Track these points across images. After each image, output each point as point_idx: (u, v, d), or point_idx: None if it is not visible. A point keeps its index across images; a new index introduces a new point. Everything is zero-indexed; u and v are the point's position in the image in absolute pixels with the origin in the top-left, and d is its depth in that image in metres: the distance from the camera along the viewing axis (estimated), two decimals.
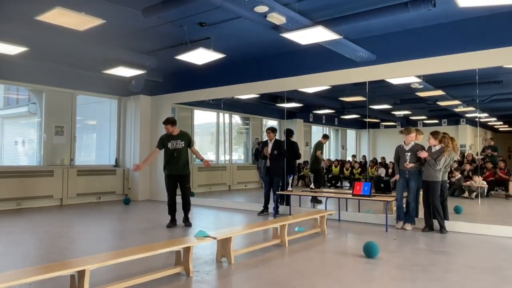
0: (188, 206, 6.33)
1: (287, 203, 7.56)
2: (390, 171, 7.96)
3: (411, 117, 8.90)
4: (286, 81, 7.85)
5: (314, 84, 7.62)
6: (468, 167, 7.82)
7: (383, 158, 8.65)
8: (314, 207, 7.83)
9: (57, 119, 9.03)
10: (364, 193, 6.31)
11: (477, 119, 6.30)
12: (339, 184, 9.39)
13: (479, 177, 7.32)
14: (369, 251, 4.33)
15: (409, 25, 6.30)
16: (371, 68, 6.79)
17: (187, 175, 6.28)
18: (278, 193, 7.36)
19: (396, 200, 6.13)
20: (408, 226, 6.00)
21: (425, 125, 8.14)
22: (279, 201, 7.41)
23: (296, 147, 7.95)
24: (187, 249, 3.66)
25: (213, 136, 11.15)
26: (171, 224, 6.21)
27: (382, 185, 6.77)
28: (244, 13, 5.09)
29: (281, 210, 7.49)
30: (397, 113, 9.02)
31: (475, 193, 7.40)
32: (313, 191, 7.41)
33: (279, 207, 7.41)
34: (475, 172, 7.48)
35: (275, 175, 7.38)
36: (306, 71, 7.55)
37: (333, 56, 6.78)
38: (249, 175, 10.83)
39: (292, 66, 7.75)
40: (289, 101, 8.30)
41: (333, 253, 4.64)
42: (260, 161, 7.81)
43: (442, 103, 8.13)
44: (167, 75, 9.79)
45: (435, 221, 5.82)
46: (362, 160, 9.19)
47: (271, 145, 7.43)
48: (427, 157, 5.78)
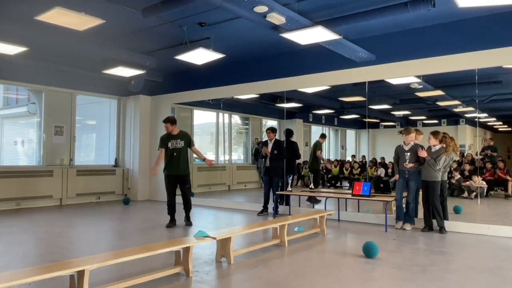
0: (189, 206, 6.35)
1: (287, 203, 7.56)
2: (389, 171, 7.97)
3: (410, 117, 8.91)
4: (285, 81, 7.85)
5: (313, 84, 7.62)
6: (467, 167, 7.83)
7: (383, 158, 8.66)
8: (313, 207, 7.83)
9: (57, 119, 9.03)
10: (363, 193, 6.31)
11: (476, 119, 6.30)
12: (338, 184, 9.39)
13: (479, 177, 7.33)
14: (369, 251, 4.33)
15: (409, 25, 6.30)
16: (370, 68, 6.79)
17: (187, 175, 6.28)
18: (277, 193, 7.36)
19: (395, 200, 6.13)
20: (407, 226, 6.00)
21: (424, 125, 8.16)
22: (278, 201, 7.41)
23: (296, 147, 7.95)
24: (187, 249, 3.66)
25: (212, 136, 11.16)
26: (170, 224, 6.21)
27: (381, 185, 6.79)
28: (243, 13, 5.10)
29: (281, 210, 7.49)
30: (396, 113, 9.03)
31: (474, 193, 7.40)
32: (312, 191, 7.42)
33: (279, 207, 7.41)
34: (475, 172, 7.48)
35: (275, 175, 7.38)
36: (305, 71, 7.55)
37: (333, 56, 6.79)
38: (249, 175, 10.83)
39: (291, 66, 7.75)
40: (289, 101, 8.30)
41: (332, 253, 4.65)
42: (259, 161, 7.81)
43: (441, 103, 8.15)
44: (167, 75, 9.79)
45: (434, 221, 5.82)
46: (361, 160, 9.20)
47: (271, 145, 7.44)
48: (426, 157, 5.79)
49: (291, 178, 7.42)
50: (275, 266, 4.06)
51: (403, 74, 6.57)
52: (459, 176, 7.75)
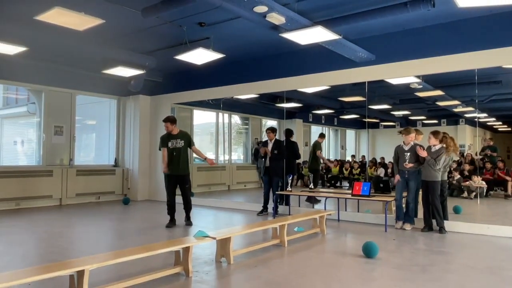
0: (189, 206, 6.36)
1: (287, 203, 7.57)
2: (389, 171, 7.97)
3: (410, 117, 8.91)
4: (285, 81, 7.86)
5: (313, 84, 7.63)
6: (467, 167, 7.84)
7: (382, 158, 8.67)
8: (313, 207, 7.83)
9: (57, 119, 9.03)
10: (363, 193, 6.32)
11: (476, 119, 6.31)
12: (338, 184, 9.39)
13: (478, 177, 7.33)
14: (369, 251, 4.33)
15: (409, 25, 6.31)
16: (370, 68, 6.80)
17: (186, 175, 6.29)
18: (277, 193, 7.37)
19: (395, 200, 6.14)
20: (407, 226, 6.01)
21: (424, 125, 8.16)
22: (278, 201, 7.41)
23: (296, 147, 7.96)
24: (187, 249, 3.66)
25: (212, 136, 11.16)
26: (170, 224, 6.22)
27: (381, 185, 6.79)
28: (243, 13, 5.10)
29: (281, 210, 7.50)
30: (396, 113, 9.04)
31: (474, 193, 7.41)
32: (312, 191, 7.42)
33: (279, 207, 7.41)
34: (474, 172, 7.49)
35: (275, 175, 7.39)
36: (305, 71, 7.56)
37: (333, 56, 6.79)
38: (249, 175, 10.83)
39: (291, 66, 7.76)
40: (289, 101, 8.31)
41: (332, 253, 4.66)
42: (259, 161, 7.81)
43: (441, 103, 8.15)
44: (167, 75, 9.79)
45: (434, 221, 5.83)
46: (361, 160, 9.20)
47: (271, 145, 7.45)
48: (426, 156, 5.79)
49: (291, 178, 7.42)
50: (275, 266, 4.07)
51: (403, 74, 6.58)
52: (459, 176, 7.76)
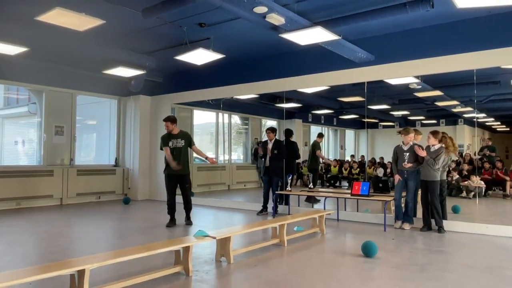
0: (189, 205, 6.38)
1: (286, 203, 7.59)
2: (388, 171, 7.99)
3: (409, 117, 8.91)
4: (285, 81, 7.88)
5: (313, 84, 7.65)
6: (466, 167, 7.86)
7: (382, 158, 8.68)
8: (312, 207, 7.86)
9: (57, 119, 9.05)
10: (362, 193, 6.35)
11: (475, 119, 6.32)
12: (337, 184, 9.41)
13: (477, 177, 7.35)
14: (368, 251, 4.35)
15: (408, 25, 6.32)
16: (369, 68, 6.82)
17: (187, 174, 6.31)
18: (277, 192, 7.39)
19: (394, 199, 6.16)
20: (406, 225, 6.03)
21: (423, 125, 8.17)
22: (278, 200, 7.44)
23: (295, 147, 7.99)
24: (187, 249, 3.68)
25: (212, 136, 11.18)
26: (170, 223, 6.24)
27: (380, 185, 6.82)
28: (243, 14, 5.11)
29: (280, 209, 7.52)
30: (395, 113, 9.05)
31: (472, 193, 7.42)
32: (311, 191, 7.44)
33: (278, 206, 7.44)
34: (473, 172, 7.51)
35: (275, 175, 7.41)
36: (305, 72, 7.58)
37: (332, 56, 6.81)
38: (248, 175, 10.85)
39: (291, 66, 7.77)
40: (288, 101, 8.33)
41: (331, 252, 4.67)
42: (259, 161, 7.83)
43: (440, 103, 8.16)
44: (167, 75, 9.81)
45: (433, 221, 5.84)
46: (360, 160, 9.22)
47: (271, 145, 7.47)
48: (426, 156, 5.81)
49: (290, 178, 7.45)
50: (275, 265, 4.08)
51: (402, 74, 6.59)
52: (458, 176, 7.78)
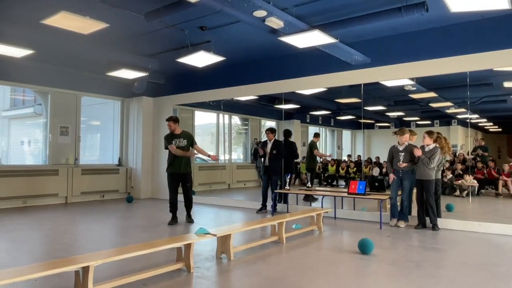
0: (190, 204, 6.43)
1: (285, 201, 7.66)
2: (384, 170, 8.09)
3: (404, 118, 8.96)
4: (284, 83, 7.95)
5: (311, 86, 7.71)
6: (459, 167, 7.92)
7: (378, 157, 8.74)
8: (310, 205, 7.94)
9: (62, 120, 9.12)
10: (359, 192, 6.42)
11: (468, 120, 6.36)
12: (335, 183, 9.49)
13: (470, 176, 7.45)
14: (364, 248, 4.40)
15: (403, 29, 6.39)
16: (366, 70, 6.88)
17: (188, 173, 6.35)
18: (276, 191, 7.46)
19: (390, 198, 6.22)
20: (401, 223, 6.11)
21: (418, 125, 8.22)
22: (277, 199, 7.50)
23: (294, 147, 8.05)
24: (188, 246, 3.71)
25: (213, 136, 11.23)
26: (172, 221, 6.29)
27: (376, 184, 6.89)
28: (243, 18, 5.16)
29: (279, 208, 7.58)
30: (391, 114, 9.07)
31: (466, 192, 7.51)
32: (310, 190, 7.52)
33: (277, 205, 7.51)
34: (466, 171, 7.58)
35: (274, 174, 7.49)
36: (303, 74, 7.64)
37: (330, 59, 6.88)
38: (248, 174, 10.91)
39: (289, 68, 7.84)
40: (287, 102, 8.38)
41: (329, 249, 4.70)
42: (258, 161, 7.90)
43: (434, 105, 8.18)
44: (169, 77, 9.87)
45: (427, 219, 5.92)
46: (357, 159, 9.31)
47: (270, 145, 7.55)
48: (421, 155, 5.87)
49: (289, 177, 7.52)
50: (274, 262, 4.11)
51: (397, 76, 6.65)
52: (451, 175, 7.86)
